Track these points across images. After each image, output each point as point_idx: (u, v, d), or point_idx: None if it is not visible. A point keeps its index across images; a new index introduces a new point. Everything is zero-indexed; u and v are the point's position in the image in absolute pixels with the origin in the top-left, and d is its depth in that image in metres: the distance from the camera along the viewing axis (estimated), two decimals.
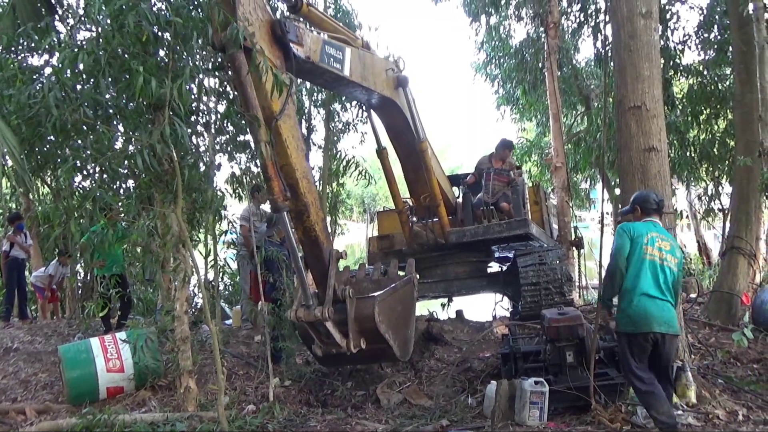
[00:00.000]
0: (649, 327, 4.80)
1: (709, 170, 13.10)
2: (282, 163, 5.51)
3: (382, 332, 6.07)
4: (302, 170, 5.75)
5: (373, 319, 5.98)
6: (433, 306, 11.23)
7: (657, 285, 4.89)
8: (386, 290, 6.43)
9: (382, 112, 8.17)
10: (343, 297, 5.91)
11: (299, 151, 5.76)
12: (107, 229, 6.47)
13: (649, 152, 5.86)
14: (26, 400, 6.71)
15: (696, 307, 9.16)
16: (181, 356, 6.08)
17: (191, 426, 5.50)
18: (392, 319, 6.36)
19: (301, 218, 5.81)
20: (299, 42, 5.69)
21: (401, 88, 7.83)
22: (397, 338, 6.42)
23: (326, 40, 6.24)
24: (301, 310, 5.84)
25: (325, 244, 5.98)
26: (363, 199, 51.46)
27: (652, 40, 6.06)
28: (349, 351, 5.95)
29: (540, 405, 5.37)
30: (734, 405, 5.49)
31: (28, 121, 5.17)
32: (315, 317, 5.74)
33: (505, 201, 9.62)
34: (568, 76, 16.80)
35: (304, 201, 5.74)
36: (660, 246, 4.95)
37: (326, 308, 5.72)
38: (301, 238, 5.94)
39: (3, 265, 11.11)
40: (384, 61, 7.63)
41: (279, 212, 5.49)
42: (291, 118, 5.68)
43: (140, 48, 5.26)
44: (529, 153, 19.53)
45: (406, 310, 6.85)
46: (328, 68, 6.20)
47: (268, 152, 5.22)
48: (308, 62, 5.91)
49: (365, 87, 7.02)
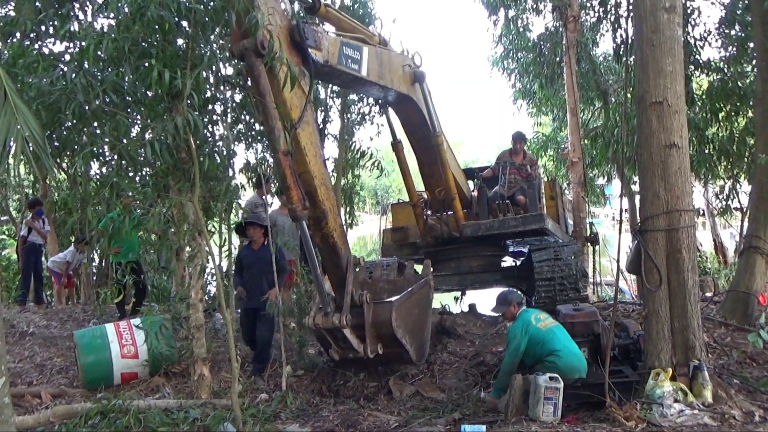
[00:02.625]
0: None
1: (728, 168, 12.94)
2: (300, 171, 5.54)
3: (398, 337, 6.15)
4: (321, 177, 5.79)
5: (390, 325, 6.05)
6: (446, 299, 11.21)
7: (570, 342, 5.95)
8: (403, 295, 6.48)
9: (399, 108, 8.14)
10: (360, 302, 5.98)
11: (317, 157, 5.80)
12: (123, 216, 6.51)
13: (670, 148, 5.78)
14: (42, 384, 6.79)
15: (712, 306, 9.07)
16: (195, 343, 6.12)
17: (204, 413, 5.52)
18: (409, 324, 6.41)
19: (319, 225, 5.86)
20: (317, 47, 5.68)
21: (418, 84, 7.79)
22: (414, 342, 6.49)
23: (344, 41, 6.22)
24: (319, 317, 5.93)
25: (342, 250, 6.04)
26: (376, 191, 51.43)
27: (675, 34, 5.96)
28: (366, 356, 6.02)
29: (554, 401, 5.34)
30: (750, 405, 5.43)
31: (49, 107, 5.19)
32: (333, 324, 5.81)
33: (521, 194, 9.57)
34: (586, 71, 16.63)
35: (323, 208, 5.78)
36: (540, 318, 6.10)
37: (344, 316, 5.80)
38: (319, 244, 5.99)
39: (21, 250, 11.21)
40: (401, 56, 7.58)
41: (298, 221, 5.52)
42: (309, 125, 5.72)
43: (160, 36, 5.25)
44: (545, 148, 19.39)
45: (422, 312, 6.90)
46: (345, 70, 6.20)
47: (287, 162, 5.24)
48: (326, 66, 5.92)
49: (382, 85, 7.02)
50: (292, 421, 5.83)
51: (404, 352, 6.38)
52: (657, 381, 5.36)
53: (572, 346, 5.93)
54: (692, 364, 5.53)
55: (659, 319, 5.68)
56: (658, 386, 5.30)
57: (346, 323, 5.82)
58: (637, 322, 6.90)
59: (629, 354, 6.50)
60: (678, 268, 5.69)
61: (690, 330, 5.62)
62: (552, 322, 6.11)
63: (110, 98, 5.35)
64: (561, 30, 14.92)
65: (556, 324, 6.11)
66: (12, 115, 4.03)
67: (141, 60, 5.30)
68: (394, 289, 6.90)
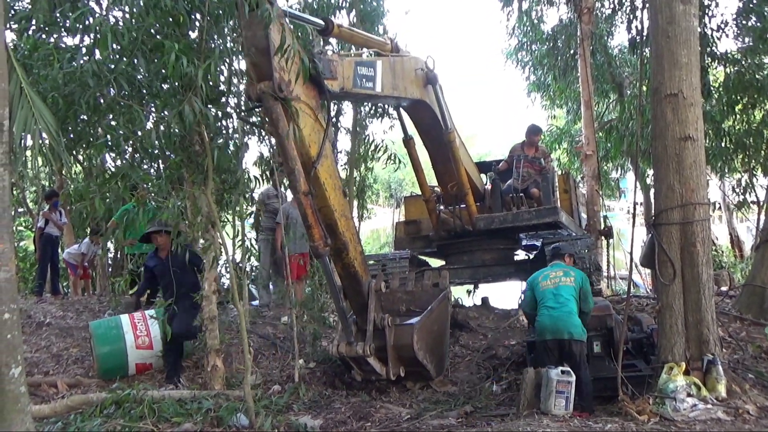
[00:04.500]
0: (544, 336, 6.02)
1: (744, 161, 12.81)
2: (321, 206, 5.62)
3: (420, 359, 6.27)
4: (340, 210, 5.87)
5: (411, 348, 6.18)
6: (459, 292, 11.20)
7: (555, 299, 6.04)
8: (423, 315, 6.55)
9: (412, 111, 8.16)
10: (382, 326, 6.13)
11: (337, 190, 5.87)
12: (138, 208, 6.55)
13: (685, 141, 5.72)
14: (58, 373, 6.86)
15: (727, 300, 9.00)
16: (209, 335, 6.17)
17: (217, 404, 5.56)
18: (429, 343, 6.53)
19: (340, 255, 5.97)
20: (333, 76, 5.69)
21: (430, 86, 7.76)
22: (434, 359, 6.61)
23: (358, 61, 6.24)
24: (342, 345, 6.10)
25: (364, 278, 6.18)
26: (389, 184, 51.37)
27: (690, 26, 5.90)
28: (389, 378, 6.22)
29: (566, 394, 5.34)
30: (765, 400, 5.38)
31: (64, 99, 5.23)
32: (357, 354, 5.98)
33: (535, 188, 9.53)
34: (600, 63, 16.49)
35: (343, 240, 5.88)
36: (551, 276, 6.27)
37: (368, 345, 5.97)
38: (340, 273, 6.12)
39: (37, 242, 11.33)
40: (414, 60, 7.54)
41: (320, 257, 5.59)
42: (328, 158, 5.78)
43: (174, 28, 5.27)
44: (559, 141, 19.28)
45: (441, 327, 6.98)
46: (361, 91, 6.25)
47: (308, 202, 5.26)
48: (342, 92, 5.98)
49: (396, 97, 7.08)
50: (305, 413, 5.86)
51: (425, 371, 6.52)
52: (670, 375, 5.32)
53: (557, 308, 5.97)
54: (706, 358, 5.49)
55: (673, 313, 5.65)
56: (671, 380, 5.27)
57: (370, 352, 5.99)
58: (651, 316, 6.87)
59: (642, 348, 6.48)
60: (692, 262, 5.65)
61: (704, 324, 5.58)
62: (559, 281, 6.15)
63: (124, 89, 5.37)
64: (575, 21, 14.78)
65: (564, 284, 6.11)
66: (28, 109, 4.06)
67: (154, 52, 5.31)
68: (412, 300, 7.03)
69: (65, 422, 5.24)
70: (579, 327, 5.90)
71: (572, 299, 5.99)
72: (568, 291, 6.03)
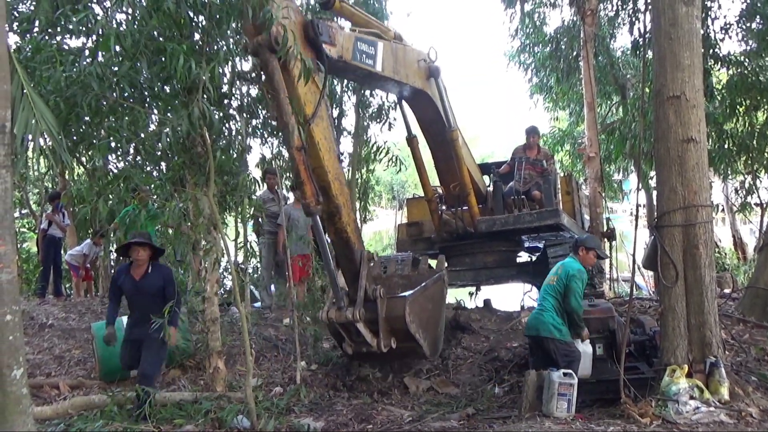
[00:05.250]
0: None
1: (747, 163, 12.78)
2: (315, 166, 5.57)
3: (412, 332, 6.16)
4: (335, 172, 5.82)
5: (403, 320, 6.07)
6: (461, 294, 11.19)
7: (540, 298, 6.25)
8: (417, 289, 6.47)
9: (413, 103, 8.13)
10: (374, 297, 6.00)
11: (332, 153, 5.82)
12: (140, 210, 6.56)
13: (687, 143, 5.71)
14: (60, 375, 6.87)
15: (730, 303, 8.97)
16: (210, 337, 6.17)
17: (219, 406, 5.57)
18: (423, 319, 6.42)
19: (333, 220, 5.89)
20: (332, 42, 5.69)
21: (433, 79, 7.75)
22: (427, 337, 6.49)
23: (358, 37, 6.21)
24: (332, 311, 5.97)
25: (356, 245, 6.06)
26: (392, 185, 51.44)
27: (693, 27, 5.88)
28: (380, 350, 6.06)
29: (568, 397, 5.32)
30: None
31: (66, 101, 5.24)
32: (346, 318, 5.85)
33: (537, 190, 9.51)
34: (603, 65, 16.47)
35: (336, 203, 5.82)
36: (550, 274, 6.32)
37: (357, 310, 5.83)
38: (332, 239, 6.04)
39: (40, 243, 11.35)
40: (416, 51, 7.55)
41: (311, 215, 5.57)
42: (324, 120, 5.73)
43: (176, 30, 5.28)
44: (561, 142, 19.27)
45: (436, 307, 6.89)
46: (360, 65, 6.20)
47: (300, 157, 5.24)
48: (340, 61, 5.92)
49: (397, 81, 7.00)
50: (306, 415, 5.86)
51: (418, 346, 6.38)
52: (673, 378, 5.31)
53: (537, 306, 6.28)
54: (709, 360, 5.47)
55: (675, 315, 5.63)
56: (673, 383, 5.25)
57: (360, 317, 5.84)
58: (654, 318, 6.84)
59: (645, 350, 6.45)
60: (695, 264, 5.63)
61: (707, 326, 5.57)
62: (548, 280, 6.28)
63: (126, 91, 5.38)
64: (578, 23, 14.77)
65: (548, 282, 6.24)
66: (30, 111, 4.07)
67: (157, 55, 5.32)
68: (408, 284, 6.91)
69: (67, 424, 5.25)
70: (548, 324, 5.95)
71: (549, 297, 6.09)
72: (549, 289, 6.14)
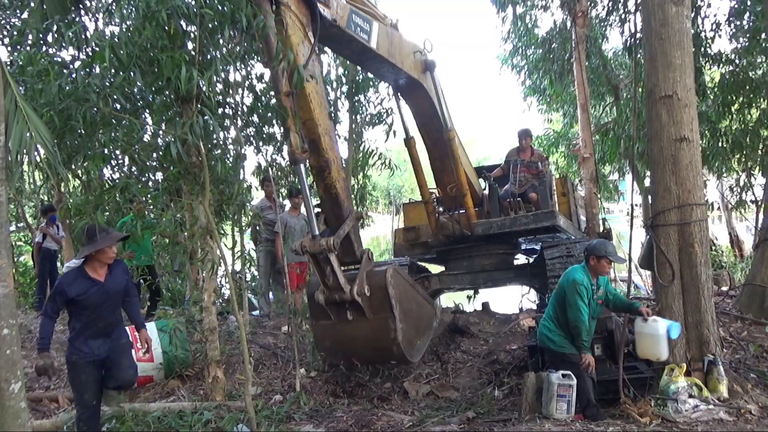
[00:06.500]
0: None
1: (741, 161, 12.82)
2: (305, 118, 5.52)
3: (390, 297, 5.84)
4: (324, 126, 5.73)
5: (384, 278, 5.87)
6: (459, 298, 11.20)
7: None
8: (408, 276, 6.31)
9: (410, 95, 8.11)
10: (361, 256, 5.92)
11: (323, 108, 5.75)
12: (137, 221, 6.56)
13: (680, 142, 5.74)
14: (59, 388, 6.85)
15: (728, 300, 8.99)
16: (209, 346, 6.15)
17: (219, 415, 5.56)
18: (404, 301, 6.17)
19: (321, 174, 5.81)
20: (326, 3, 5.64)
21: (429, 73, 7.77)
22: (405, 328, 6.10)
23: (354, 10, 6.16)
24: (306, 240, 5.72)
25: (345, 203, 5.93)
26: (389, 191, 51.50)
27: (684, 27, 5.93)
28: (352, 297, 5.74)
29: (567, 398, 5.32)
30: (767, 400, 5.39)
31: (59, 114, 5.24)
32: (320, 247, 5.57)
33: (532, 192, 9.53)
34: (596, 66, 16.53)
35: (326, 157, 5.74)
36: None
37: (333, 240, 5.58)
38: (321, 195, 5.94)
39: (36, 256, 11.33)
40: (411, 43, 7.53)
41: (296, 164, 5.50)
42: (315, 78, 5.65)
43: (168, 41, 5.29)
44: (556, 144, 19.30)
45: (422, 320, 6.73)
46: (354, 36, 6.12)
47: (288, 104, 5.21)
48: (335, 26, 5.85)
49: (393, 64, 6.95)
50: (306, 422, 5.85)
51: (392, 320, 5.88)
52: (671, 376, 5.33)
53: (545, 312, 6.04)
54: (707, 359, 5.50)
55: (673, 314, 5.66)
56: (672, 382, 5.27)
57: (334, 247, 5.57)
58: None
59: None
60: (691, 263, 5.66)
61: (704, 325, 5.59)
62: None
63: (120, 103, 5.39)
64: (570, 25, 14.84)
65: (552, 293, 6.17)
66: (24, 124, 4.08)
67: (150, 66, 5.33)
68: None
69: None
70: (542, 334, 5.83)
71: (549, 305, 5.99)
72: (551, 299, 6.03)
